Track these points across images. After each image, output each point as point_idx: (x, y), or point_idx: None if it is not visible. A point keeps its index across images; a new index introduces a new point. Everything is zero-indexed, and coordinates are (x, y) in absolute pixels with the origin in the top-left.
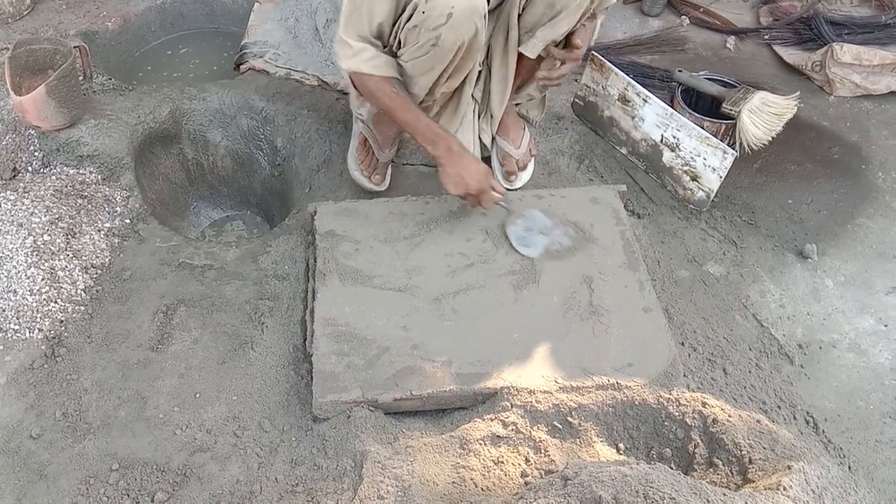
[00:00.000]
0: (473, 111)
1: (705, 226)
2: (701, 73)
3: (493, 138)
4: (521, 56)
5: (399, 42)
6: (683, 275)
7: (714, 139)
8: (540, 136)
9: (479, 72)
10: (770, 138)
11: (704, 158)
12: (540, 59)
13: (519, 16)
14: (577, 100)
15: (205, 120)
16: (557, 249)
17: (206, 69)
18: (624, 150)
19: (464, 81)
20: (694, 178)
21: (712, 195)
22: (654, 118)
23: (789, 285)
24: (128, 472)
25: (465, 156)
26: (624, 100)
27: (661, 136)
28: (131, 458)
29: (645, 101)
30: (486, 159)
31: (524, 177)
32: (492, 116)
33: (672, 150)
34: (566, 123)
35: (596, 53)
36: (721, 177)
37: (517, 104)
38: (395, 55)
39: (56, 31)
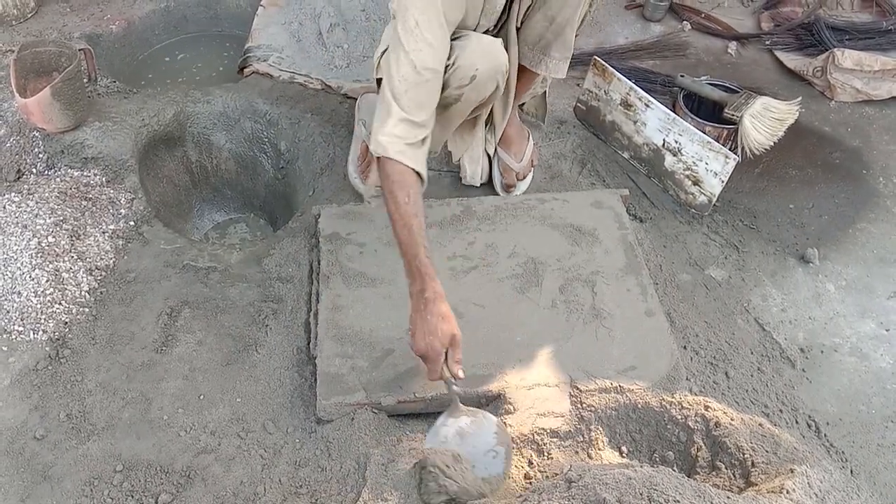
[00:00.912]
0: (487, 124)
1: (707, 230)
2: (703, 78)
3: (496, 149)
4: (522, 68)
5: None
6: (685, 279)
7: (716, 144)
8: (542, 141)
9: None
10: (772, 143)
11: (706, 163)
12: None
13: (518, 30)
14: (579, 104)
15: (209, 123)
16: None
17: (210, 72)
18: (626, 155)
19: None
20: (696, 183)
21: (714, 200)
22: (656, 123)
23: (791, 289)
24: (132, 474)
25: (434, 308)
26: (626, 104)
27: (663, 140)
28: (135, 460)
29: (647, 105)
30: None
31: (522, 186)
32: (495, 128)
33: (674, 155)
34: (568, 128)
35: (598, 58)
36: (723, 181)
37: (522, 104)
38: None
39: (60, 34)
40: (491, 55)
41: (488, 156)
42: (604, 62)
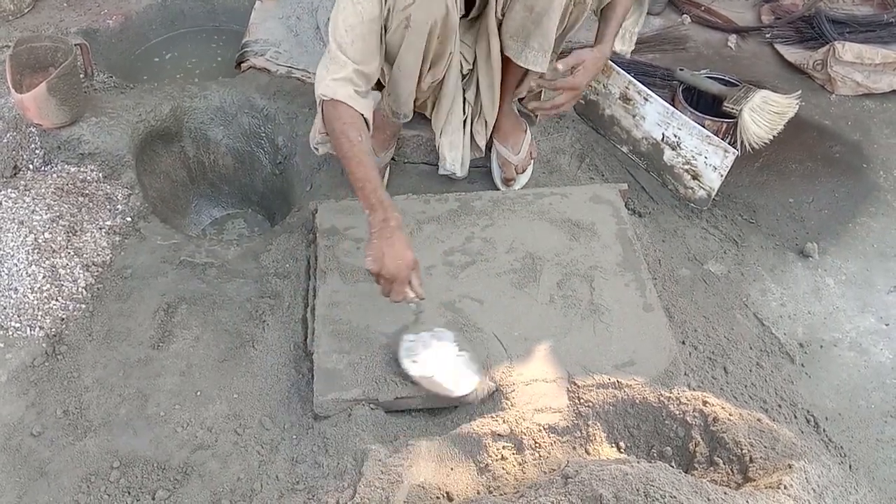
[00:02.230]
0: (468, 115)
1: (706, 224)
2: (702, 71)
3: (492, 142)
4: (508, 60)
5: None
6: (684, 273)
7: (715, 138)
8: (541, 135)
9: (471, 72)
10: (771, 137)
11: (705, 157)
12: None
13: (500, 22)
14: (580, 99)
15: (206, 118)
16: (440, 384)
17: (206, 67)
18: (625, 149)
19: (447, 75)
20: (695, 177)
21: (713, 194)
22: (655, 117)
23: (790, 284)
24: (128, 470)
25: (396, 235)
26: (625, 98)
27: (662, 134)
28: (132, 456)
29: (646, 99)
30: (482, 162)
31: (522, 180)
32: (485, 121)
33: (673, 149)
34: (567, 122)
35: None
36: (722, 175)
37: (521, 99)
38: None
39: (57, 29)
40: None
41: (479, 148)
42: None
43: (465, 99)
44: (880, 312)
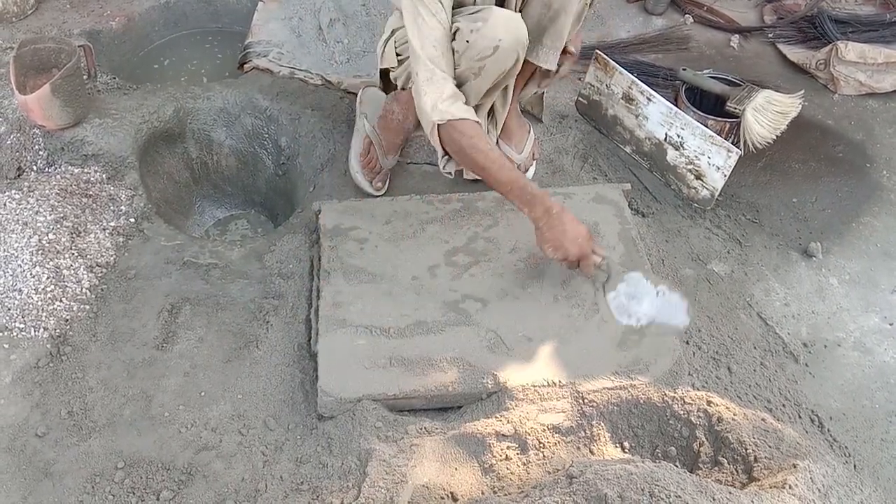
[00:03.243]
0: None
1: (710, 224)
2: (705, 71)
3: (497, 142)
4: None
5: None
6: (688, 273)
7: (718, 137)
8: (544, 135)
9: None
10: (774, 137)
11: (709, 157)
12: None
13: None
14: (580, 98)
15: (209, 119)
16: (664, 323)
17: (210, 68)
18: (628, 149)
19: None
20: (698, 177)
21: (717, 193)
22: (658, 117)
23: (794, 284)
24: (133, 471)
25: (563, 218)
26: (628, 98)
27: (665, 134)
28: (137, 457)
29: (649, 99)
30: None
31: None
32: (496, 119)
33: (676, 149)
34: (570, 122)
35: (600, 52)
36: (725, 175)
37: (519, 102)
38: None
39: (60, 31)
40: (513, 26)
41: None
42: (605, 56)
43: None
44: (884, 312)
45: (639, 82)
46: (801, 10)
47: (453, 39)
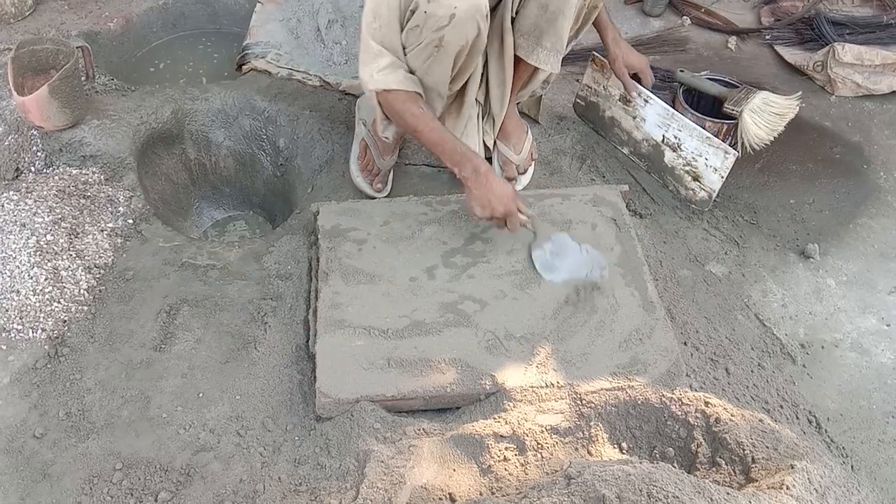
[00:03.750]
0: (477, 115)
1: (707, 226)
2: (702, 73)
3: (495, 142)
4: (518, 59)
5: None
6: (685, 274)
7: (715, 139)
8: (542, 137)
9: (482, 74)
10: (772, 138)
11: (706, 159)
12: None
13: (514, 20)
14: (578, 100)
15: (207, 120)
16: (583, 280)
17: (208, 70)
18: (626, 150)
19: (467, 83)
20: (696, 178)
21: (714, 195)
22: (655, 118)
23: (791, 285)
24: (131, 472)
25: (490, 177)
26: (625, 100)
27: (663, 136)
28: (135, 458)
29: (646, 101)
30: (489, 160)
31: (524, 180)
32: (493, 119)
33: (674, 150)
34: (568, 123)
35: (597, 54)
36: (723, 177)
37: (518, 103)
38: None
39: (58, 32)
40: None
41: (487, 148)
42: (602, 58)
43: (476, 100)
44: (881, 313)
45: (636, 84)
46: (799, 11)
47: (412, 15)
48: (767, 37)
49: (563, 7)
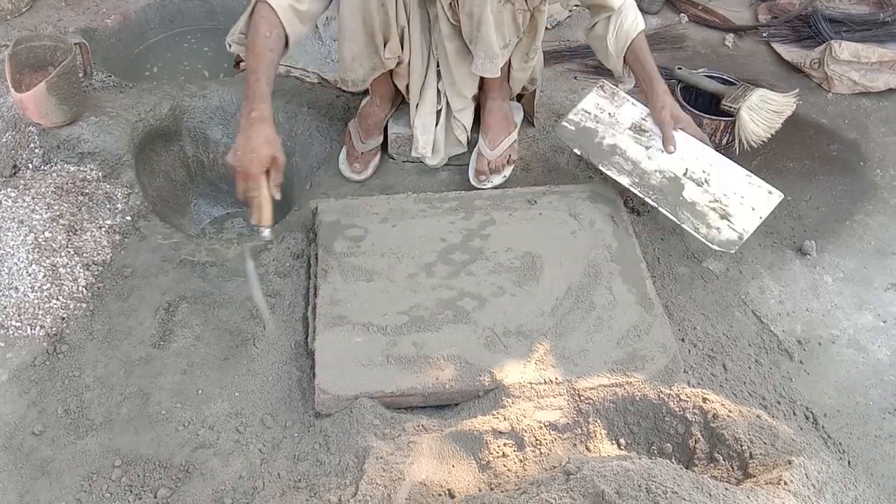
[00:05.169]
0: (440, 101)
1: None
2: (700, 70)
3: (478, 135)
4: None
5: None
6: (683, 271)
7: (757, 178)
8: (540, 133)
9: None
10: (769, 136)
11: (742, 196)
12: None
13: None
14: (567, 124)
15: (205, 117)
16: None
17: (205, 66)
18: (625, 180)
19: (411, 55)
20: (724, 217)
21: (746, 237)
22: (680, 151)
23: (788, 282)
24: (130, 469)
25: (257, 127)
26: (640, 130)
27: (686, 169)
28: (134, 455)
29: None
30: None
31: (495, 180)
32: (461, 117)
33: (699, 186)
34: None
35: (608, 82)
36: (762, 217)
37: (521, 97)
38: None
39: (55, 28)
40: None
41: (460, 143)
42: (614, 86)
43: (439, 90)
44: (878, 310)
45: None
46: (796, 9)
47: None
48: (764, 34)
49: (481, 14)
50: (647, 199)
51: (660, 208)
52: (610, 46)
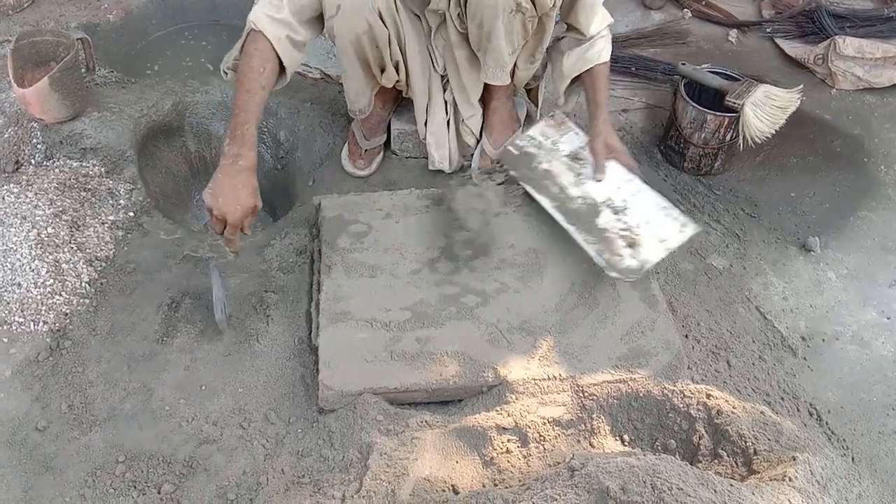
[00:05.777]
0: (448, 112)
1: (708, 219)
2: (704, 66)
3: (482, 134)
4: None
5: None
6: (687, 268)
7: (675, 210)
8: None
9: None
10: (773, 131)
11: (655, 228)
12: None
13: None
14: (512, 148)
15: (207, 113)
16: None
17: (208, 62)
18: (547, 201)
19: (409, 77)
20: (630, 246)
21: (646, 268)
22: (608, 180)
23: (792, 278)
24: (134, 464)
25: (243, 176)
26: (576, 158)
27: (609, 197)
28: (137, 450)
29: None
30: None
31: (497, 178)
32: (469, 122)
33: (615, 213)
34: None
35: (560, 112)
36: (669, 249)
37: (529, 90)
38: None
39: (57, 24)
40: None
41: (467, 145)
42: (564, 115)
43: (445, 101)
44: (882, 306)
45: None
46: (799, 4)
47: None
48: (768, 30)
49: (492, 25)
50: (561, 222)
51: (569, 230)
52: (565, 63)
